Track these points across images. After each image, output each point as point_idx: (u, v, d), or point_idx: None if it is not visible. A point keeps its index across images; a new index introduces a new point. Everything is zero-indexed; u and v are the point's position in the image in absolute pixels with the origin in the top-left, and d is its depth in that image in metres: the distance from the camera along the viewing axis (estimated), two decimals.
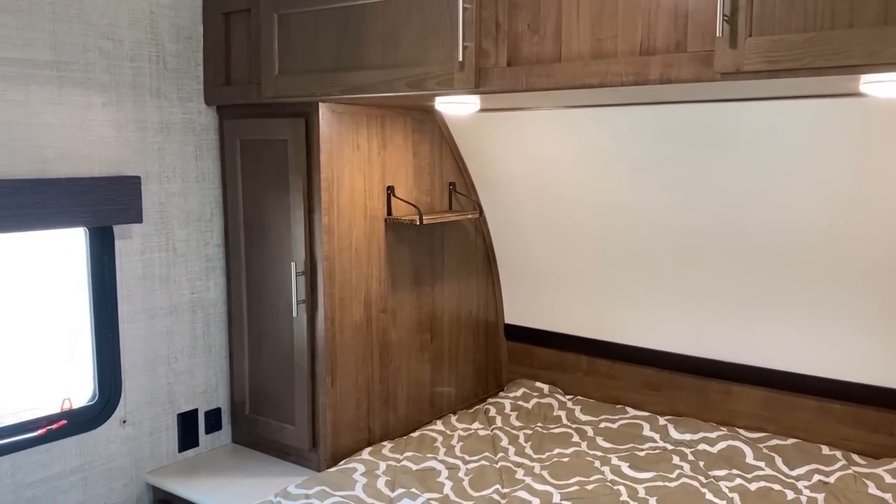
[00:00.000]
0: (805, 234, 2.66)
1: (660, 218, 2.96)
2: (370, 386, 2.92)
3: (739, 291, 2.93)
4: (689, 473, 2.63)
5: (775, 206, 2.66)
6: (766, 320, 2.91)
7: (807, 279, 2.76)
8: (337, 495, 2.43)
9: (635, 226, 3.04)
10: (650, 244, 3.04)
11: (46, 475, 2.48)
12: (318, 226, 2.68)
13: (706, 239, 2.89)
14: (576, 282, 3.35)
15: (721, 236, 2.85)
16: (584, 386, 3.41)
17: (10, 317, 2.48)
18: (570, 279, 3.36)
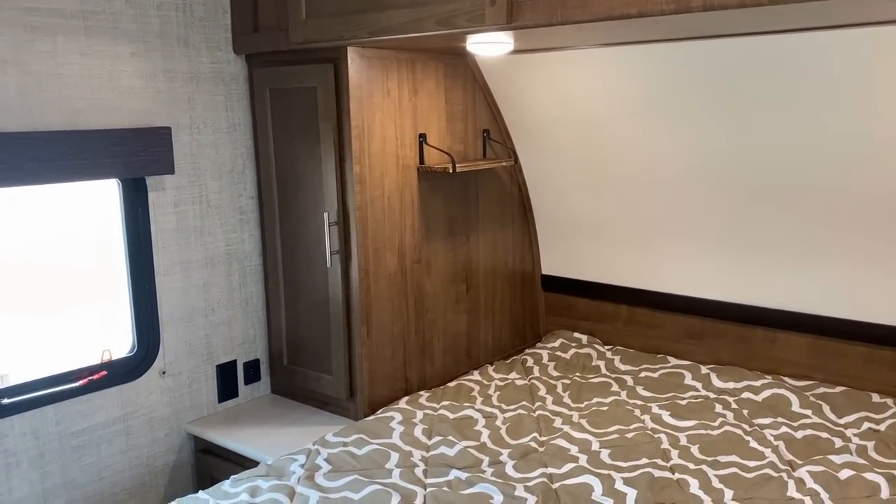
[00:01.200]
0: (855, 177, 2.54)
1: (704, 162, 2.85)
2: (406, 336, 2.91)
3: (786, 236, 2.83)
4: (732, 421, 2.57)
5: (825, 149, 2.54)
6: (813, 266, 2.80)
7: (856, 224, 2.64)
8: (374, 443, 2.43)
9: (678, 170, 2.93)
10: (693, 189, 2.94)
11: (90, 424, 2.52)
12: (350, 175, 2.64)
13: (752, 183, 2.78)
14: (615, 230, 3.27)
15: (768, 180, 2.74)
16: (623, 336, 3.36)
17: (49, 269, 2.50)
18: (610, 227, 3.28)
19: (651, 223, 3.17)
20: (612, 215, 3.25)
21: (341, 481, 2.19)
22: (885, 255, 2.63)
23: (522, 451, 2.40)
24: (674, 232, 3.12)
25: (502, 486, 2.13)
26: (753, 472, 2.22)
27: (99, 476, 2.56)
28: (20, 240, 2.44)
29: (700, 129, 2.76)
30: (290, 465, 2.30)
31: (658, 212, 3.11)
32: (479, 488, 2.14)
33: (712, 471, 2.23)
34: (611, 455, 2.34)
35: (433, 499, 2.09)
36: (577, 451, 2.37)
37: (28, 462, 2.38)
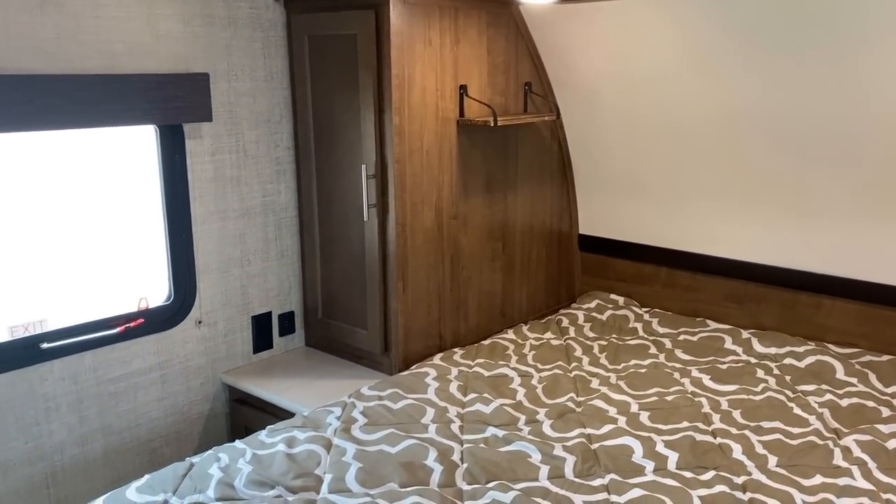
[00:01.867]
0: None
1: (753, 119, 2.74)
2: (441, 293, 2.87)
3: (836, 198, 2.73)
4: (774, 387, 2.52)
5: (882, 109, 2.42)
6: (863, 230, 2.71)
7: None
8: (409, 398, 2.41)
9: (725, 128, 2.83)
10: (740, 148, 2.84)
11: (126, 371, 2.53)
12: (389, 127, 2.58)
13: (802, 142, 2.68)
14: (657, 189, 3.19)
15: (819, 139, 2.63)
16: (661, 299, 3.29)
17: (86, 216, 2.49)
18: (651, 186, 3.20)
19: (694, 182, 3.08)
20: (654, 174, 3.17)
21: (377, 434, 2.18)
22: None
23: (559, 410, 2.37)
24: (718, 192, 3.03)
25: (540, 445, 2.10)
26: (798, 440, 2.17)
27: (136, 422, 2.58)
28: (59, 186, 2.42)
29: (751, 86, 2.65)
30: (326, 416, 2.29)
31: (702, 171, 3.02)
32: (516, 446, 2.11)
33: (755, 436, 2.18)
34: (650, 417, 2.30)
35: (470, 455, 2.07)
36: (615, 413, 2.34)
37: (67, 407, 2.40)
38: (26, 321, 2.33)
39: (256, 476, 1.95)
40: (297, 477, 1.95)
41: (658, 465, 2.02)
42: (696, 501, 1.83)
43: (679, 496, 1.85)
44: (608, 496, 1.87)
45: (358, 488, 1.91)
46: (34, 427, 2.34)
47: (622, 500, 1.84)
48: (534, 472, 1.99)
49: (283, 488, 1.91)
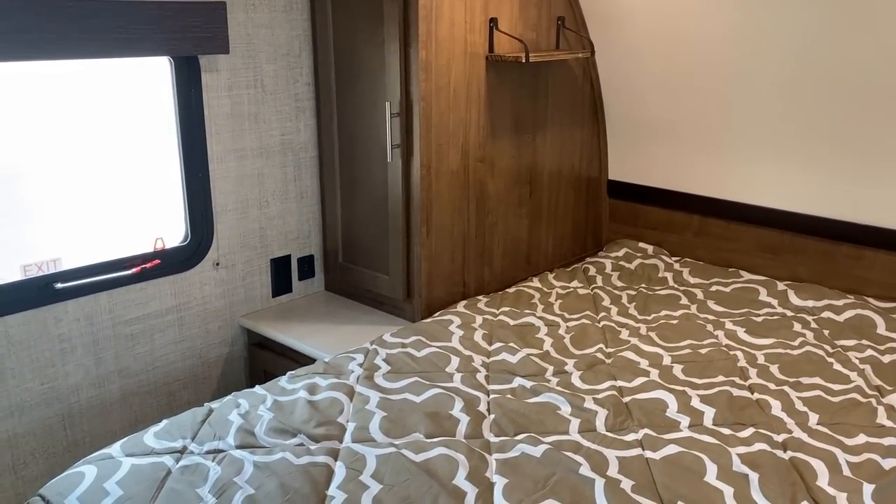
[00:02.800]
0: None
1: (795, 60, 2.59)
2: (466, 238, 2.77)
3: (880, 146, 2.58)
4: (812, 342, 2.42)
5: None
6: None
7: None
8: (433, 345, 2.34)
9: (766, 69, 2.68)
10: (781, 90, 2.69)
11: (143, 313, 2.47)
12: (415, 62, 2.44)
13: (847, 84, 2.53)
14: (693, 133, 3.04)
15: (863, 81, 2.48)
16: (693, 248, 3.18)
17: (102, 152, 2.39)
18: (686, 130, 3.05)
19: (731, 127, 2.93)
20: (690, 117, 3.02)
21: (401, 383, 2.11)
22: None
23: (588, 361, 2.29)
24: (756, 137, 2.88)
25: (570, 397, 2.03)
26: (839, 396, 2.07)
27: (152, 365, 2.52)
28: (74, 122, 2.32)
29: (794, 25, 2.50)
30: (349, 363, 2.22)
31: (740, 115, 2.87)
32: (545, 398, 2.04)
33: (795, 392, 2.09)
34: (684, 371, 2.21)
35: (497, 406, 2.00)
36: (647, 365, 2.25)
37: (83, 348, 2.35)
38: (40, 260, 2.26)
39: (277, 423, 1.89)
40: (319, 425, 1.89)
41: (694, 421, 1.94)
42: (735, 459, 1.75)
43: (717, 453, 1.77)
44: (642, 452, 1.79)
45: (382, 438, 1.85)
46: (49, 368, 2.29)
47: (657, 457, 1.77)
48: (564, 424, 1.91)
49: (305, 436, 1.84)
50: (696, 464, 1.73)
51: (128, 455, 1.77)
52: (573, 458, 1.74)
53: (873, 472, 1.73)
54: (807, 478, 1.70)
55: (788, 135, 2.78)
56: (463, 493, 1.63)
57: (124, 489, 1.65)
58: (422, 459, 1.74)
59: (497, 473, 1.70)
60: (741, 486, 1.66)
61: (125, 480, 1.67)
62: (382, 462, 1.74)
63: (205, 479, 1.68)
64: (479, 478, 1.68)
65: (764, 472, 1.70)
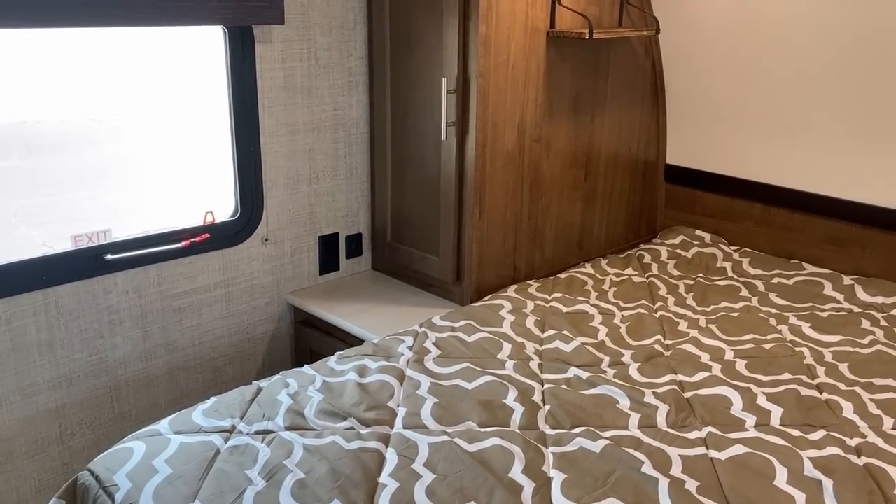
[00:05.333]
0: None
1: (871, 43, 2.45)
2: (518, 221, 2.69)
3: None
4: (883, 340, 2.29)
5: None
6: None
7: None
8: (484, 331, 2.27)
9: (838, 51, 2.54)
10: (854, 74, 2.55)
11: (191, 287, 2.44)
12: (474, 36, 2.35)
13: None
14: (757, 118, 2.91)
15: None
16: (753, 237, 3.05)
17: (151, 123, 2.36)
18: (751, 114, 2.92)
19: (799, 112, 2.79)
20: (755, 100, 2.89)
21: (452, 368, 2.05)
22: None
23: (646, 353, 2.20)
24: (824, 123, 2.74)
25: (629, 391, 1.95)
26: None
27: (199, 340, 2.50)
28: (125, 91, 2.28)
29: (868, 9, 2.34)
30: (398, 346, 2.16)
31: (809, 99, 2.73)
32: (602, 390, 1.96)
33: (867, 394, 1.98)
34: (748, 366, 2.11)
35: (552, 396, 1.93)
36: (708, 360, 2.15)
37: (130, 321, 2.33)
38: (90, 231, 2.24)
39: (327, 406, 1.84)
40: (369, 409, 1.84)
41: (760, 421, 1.84)
42: (807, 463, 1.65)
43: (787, 456, 1.67)
44: (707, 451, 1.71)
45: (434, 425, 1.79)
46: (98, 340, 2.27)
47: (723, 457, 1.68)
48: (623, 419, 1.83)
49: (355, 420, 1.79)
50: (764, 466, 1.64)
51: (176, 432, 1.75)
52: (634, 456, 1.66)
53: None
54: (884, 487, 1.60)
55: (857, 121, 2.64)
56: (520, 487, 1.57)
57: (173, 467, 1.61)
58: (476, 450, 1.68)
59: (554, 468, 1.63)
60: (814, 493, 1.57)
61: (174, 459, 1.64)
62: (435, 451, 1.68)
63: (254, 461, 1.64)
64: (535, 472, 1.62)
65: (838, 479, 1.60)
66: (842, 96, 2.63)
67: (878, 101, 2.56)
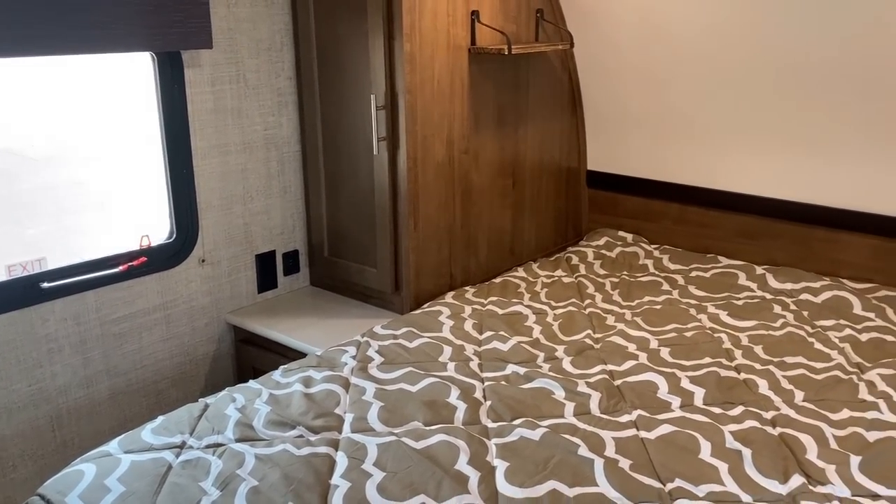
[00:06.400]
0: None
1: (771, 50, 2.66)
2: (452, 230, 2.79)
3: (854, 132, 2.66)
4: (793, 322, 2.48)
5: None
6: (881, 163, 2.65)
7: None
8: (425, 336, 2.36)
9: (741, 59, 2.74)
10: (756, 80, 2.75)
11: (130, 311, 2.45)
12: (400, 54, 2.45)
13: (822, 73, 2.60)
14: (670, 123, 3.10)
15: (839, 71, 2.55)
16: (671, 235, 3.24)
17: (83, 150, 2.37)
18: (664, 120, 3.11)
19: (708, 117, 2.99)
20: (667, 107, 3.07)
21: (396, 373, 2.12)
22: None
23: (578, 347, 2.33)
24: (733, 126, 2.95)
25: (563, 382, 2.06)
26: (822, 374, 2.14)
27: (141, 363, 2.50)
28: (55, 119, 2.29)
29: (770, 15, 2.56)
30: (341, 356, 2.22)
31: (717, 104, 2.93)
32: (538, 383, 2.07)
33: (780, 371, 2.15)
34: (671, 353, 2.26)
35: (493, 392, 2.02)
36: (635, 349, 2.29)
37: (70, 348, 2.32)
38: (24, 260, 2.23)
39: (275, 416, 1.89)
40: (317, 417, 1.90)
41: (685, 402, 1.98)
42: (728, 437, 1.79)
43: (710, 431, 1.81)
44: (637, 432, 1.83)
45: (381, 427, 1.86)
46: (37, 369, 2.26)
47: (652, 436, 1.81)
48: (559, 408, 1.94)
49: (304, 428, 1.85)
50: (690, 442, 1.78)
51: (126, 452, 1.76)
52: (571, 440, 1.77)
53: (859, 445, 1.79)
54: (797, 452, 1.76)
55: (763, 123, 2.85)
56: (466, 477, 1.65)
57: (126, 485, 1.64)
58: (423, 446, 1.76)
59: (498, 457, 1.72)
60: (735, 462, 1.70)
61: (126, 477, 1.67)
62: (384, 450, 1.75)
63: (207, 473, 1.68)
64: (480, 462, 1.71)
65: (756, 448, 1.75)
66: (747, 101, 2.84)
67: (777, 104, 2.77)
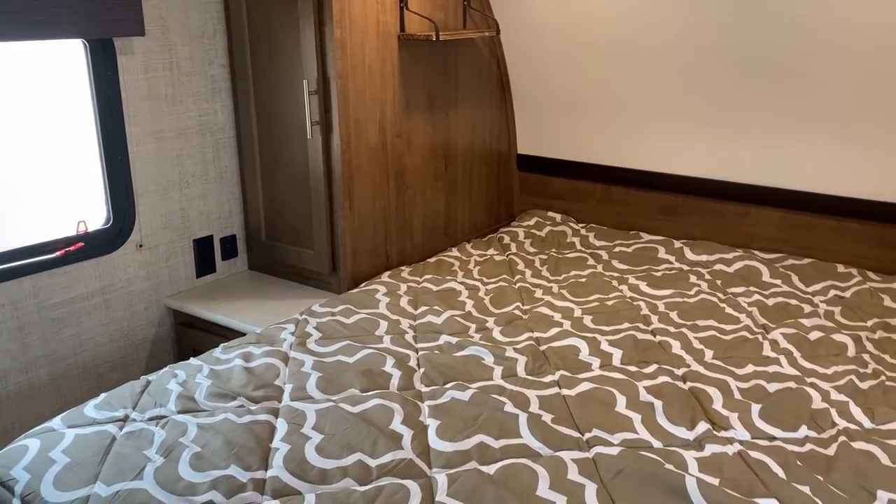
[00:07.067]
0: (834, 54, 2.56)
1: (686, 35, 2.82)
2: (387, 212, 2.88)
3: (762, 113, 2.85)
4: (707, 290, 2.66)
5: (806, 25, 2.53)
6: (787, 142, 2.85)
7: (831, 100, 2.68)
8: (362, 312, 2.45)
9: (659, 44, 2.90)
10: (674, 64, 2.92)
11: (68, 297, 2.47)
12: (330, 40, 2.53)
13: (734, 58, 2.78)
14: (594, 107, 3.25)
15: (749, 55, 2.74)
16: (597, 214, 3.40)
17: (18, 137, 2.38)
18: (588, 104, 3.26)
19: (628, 100, 3.15)
20: (590, 92, 3.23)
21: (334, 347, 2.21)
22: (858, 130, 2.69)
23: (507, 318, 2.46)
24: (651, 109, 3.12)
25: (492, 349, 2.19)
26: (730, 335, 2.32)
27: (81, 348, 2.53)
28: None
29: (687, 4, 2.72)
30: (280, 333, 2.30)
31: (638, 89, 3.09)
32: (469, 351, 2.19)
33: (692, 333, 2.32)
34: (593, 320, 2.41)
35: (426, 360, 2.13)
36: (560, 318, 2.44)
37: (8, 333, 2.34)
38: None
39: (216, 389, 1.96)
40: (257, 388, 1.98)
41: (604, 362, 2.13)
42: (642, 391, 1.94)
43: (626, 387, 1.96)
44: (559, 390, 1.97)
45: (320, 395, 1.95)
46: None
47: (573, 393, 1.95)
48: (488, 372, 2.07)
49: (244, 399, 1.93)
50: (607, 397, 1.92)
51: (70, 427, 1.81)
52: (498, 399, 1.89)
53: (760, 395, 1.97)
54: (704, 402, 1.92)
55: (680, 106, 3.02)
56: (400, 435, 1.76)
57: (71, 456, 1.69)
58: (359, 410, 1.86)
59: (430, 417, 1.84)
60: (648, 413, 1.86)
61: (71, 449, 1.72)
62: (322, 415, 1.84)
63: (151, 442, 1.74)
64: (413, 422, 1.82)
65: (667, 400, 1.90)
66: (666, 85, 3.00)
67: (692, 88, 2.94)
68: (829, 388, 2.01)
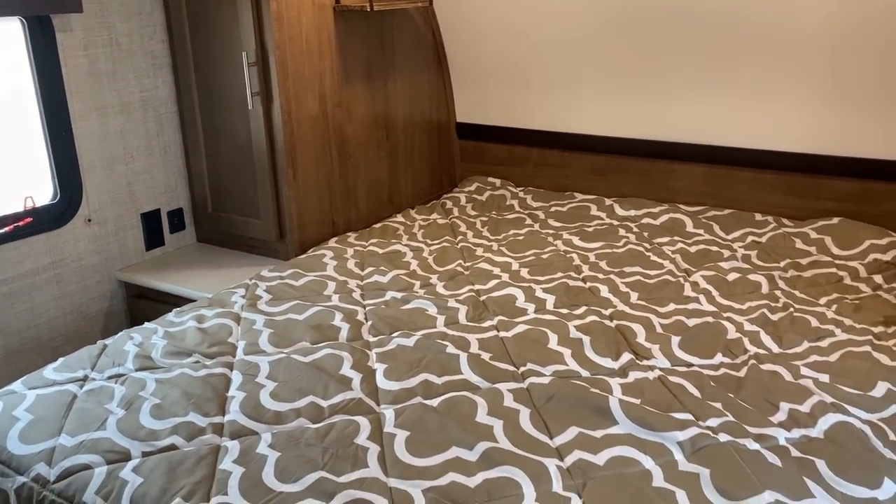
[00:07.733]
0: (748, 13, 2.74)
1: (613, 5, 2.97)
2: (331, 181, 2.98)
3: (681, 76, 3.03)
4: (634, 242, 2.84)
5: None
6: (707, 99, 3.04)
7: (746, 57, 2.86)
8: (310, 275, 2.56)
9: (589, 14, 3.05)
10: (602, 32, 3.08)
11: (19, 272, 2.52)
12: (267, 13, 2.61)
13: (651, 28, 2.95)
14: (526, 74, 3.39)
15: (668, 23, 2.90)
16: (534, 178, 3.55)
17: None
18: (521, 72, 3.40)
19: (558, 67, 3.30)
20: (524, 59, 3.36)
21: (284, 306, 2.32)
22: (771, 86, 2.88)
23: (450, 274, 2.59)
24: (580, 75, 3.27)
25: (436, 301, 2.32)
26: (655, 279, 2.50)
27: (34, 322, 2.58)
28: None
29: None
30: (231, 297, 2.40)
31: (568, 54, 3.24)
32: (414, 304, 2.32)
33: (619, 279, 2.49)
34: (529, 272, 2.56)
35: (373, 314, 2.26)
36: (499, 272, 2.58)
37: None
38: None
39: (172, 347, 2.06)
40: (211, 346, 2.07)
41: (538, 307, 2.29)
42: (573, 329, 2.11)
43: (557, 327, 2.12)
44: (497, 333, 2.12)
45: (272, 349, 2.06)
46: None
47: (510, 335, 2.10)
48: (432, 321, 2.20)
49: (199, 355, 2.03)
50: (540, 336, 2.08)
51: (30, 388, 1.89)
52: (441, 343, 2.03)
53: (680, 329, 2.15)
54: (628, 337, 2.09)
55: (608, 70, 3.18)
56: (349, 379, 1.89)
57: (34, 414, 1.77)
58: (310, 360, 1.98)
59: (378, 362, 1.97)
60: (577, 348, 2.02)
61: (34, 407, 1.80)
62: (274, 366, 1.96)
63: (111, 398, 1.83)
64: (362, 367, 1.94)
65: (595, 336, 2.07)
66: (594, 51, 3.15)
67: (617, 54, 3.10)
68: (743, 321, 2.20)
